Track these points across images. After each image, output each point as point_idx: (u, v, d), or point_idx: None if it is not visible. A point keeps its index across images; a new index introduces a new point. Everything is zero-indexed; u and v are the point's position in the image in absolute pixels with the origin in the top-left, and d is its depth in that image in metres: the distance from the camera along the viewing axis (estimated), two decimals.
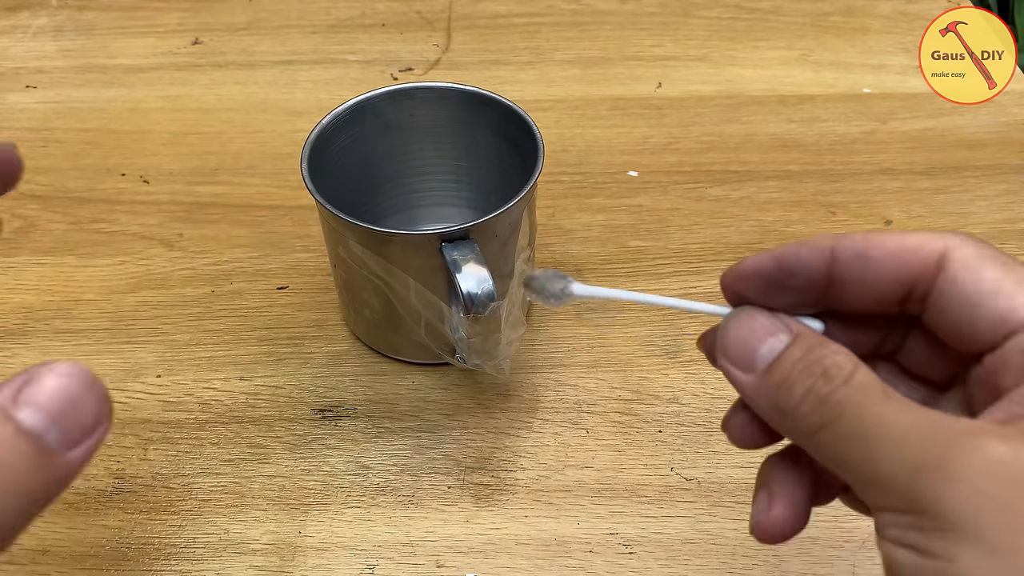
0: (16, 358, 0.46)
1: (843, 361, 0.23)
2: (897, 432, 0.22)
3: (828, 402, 0.23)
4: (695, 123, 0.60)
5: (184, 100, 0.63)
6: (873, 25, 0.69)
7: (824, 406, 0.23)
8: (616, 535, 0.39)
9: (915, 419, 0.22)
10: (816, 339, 0.24)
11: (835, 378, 0.23)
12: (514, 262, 0.41)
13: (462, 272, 0.37)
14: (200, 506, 0.40)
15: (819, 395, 0.23)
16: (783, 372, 0.24)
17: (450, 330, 0.40)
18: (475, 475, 0.41)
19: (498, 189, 0.48)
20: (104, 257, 0.51)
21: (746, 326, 0.25)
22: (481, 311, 0.37)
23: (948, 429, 0.21)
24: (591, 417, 0.43)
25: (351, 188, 0.45)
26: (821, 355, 0.24)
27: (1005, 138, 0.58)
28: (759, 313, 0.25)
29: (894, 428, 0.22)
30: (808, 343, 0.24)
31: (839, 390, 0.23)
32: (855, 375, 0.23)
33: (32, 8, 0.71)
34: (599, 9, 0.71)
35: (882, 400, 0.22)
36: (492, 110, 0.44)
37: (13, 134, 0.60)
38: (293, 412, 0.43)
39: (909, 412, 0.22)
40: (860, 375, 0.23)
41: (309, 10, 0.71)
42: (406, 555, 0.38)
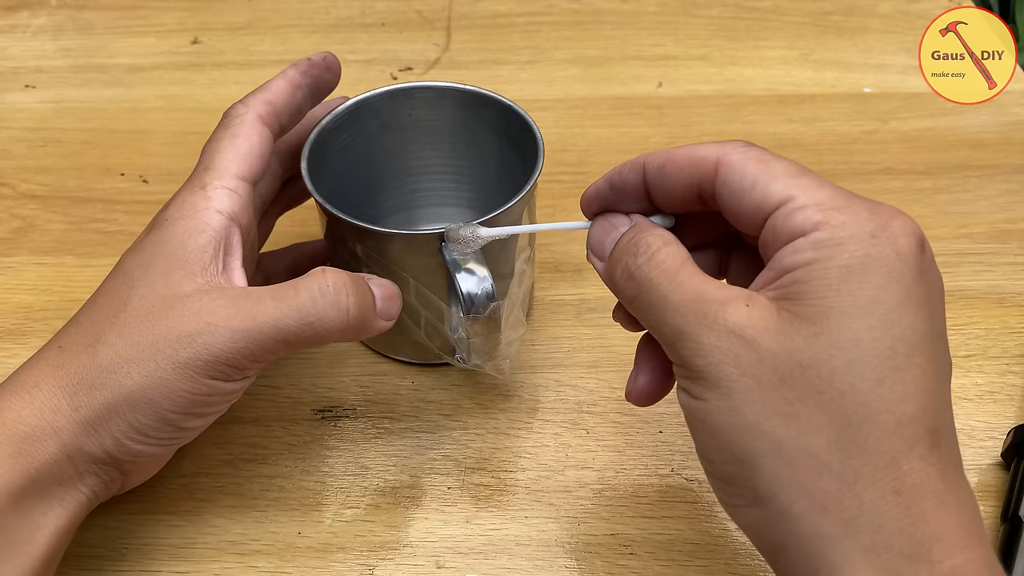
0: (15, 358, 0.46)
1: (652, 240, 0.29)
2: (674, 302, 0.28)
3: (634, 276, 0.29)
4: (696, 123, 0.60)
5: (183, 100, 0.63)
6: (874, 25, 0.68)
7: (631, 280, 0.30)
8: (616, 536, 0.39)
9: (688, 291, 0.28)
10: (645, 226, 0.31)
11: (642, 255, 0.29)
12: (514, 262, 0.41)
13: (462, 272, 0.37)
14: (200, 506, 0.40)
15: (628, 270, 0.30)
16: (615, 253, 0.31)
17: (450, 330, 0.40)
18: (475, 475, 0.41)
19: (498, 189, 0.48)
20: (103, 257, 0.51)
21: (601, 225, 0.32)
22: (481, 311, 0.37)
23: (710, 299, 0.27)
24: (591, 417, 0.43)
25: (351, 188, 0.45)
26: (638, 237, 0.30)
27: (1006, 138, 0.58)
28: (613, 215, 0.32)
29: (673, 299, 0.28)
30: (636, 229, 0.30)
31: (643, 266, 0.29)
32: (658, 253, 0.29)
33: (31, 7, 0.71)
34: (599, 8, 0.71)
35: (672, 275, 0.28)
36: (492, 109, 0.44)
37: (12, 134, 0.60)
38: (293, 412, 0.43)
39: (686, 286, 0.28)
40: (663, 253, 0.29)
41: (309, 9, 0.71)
42: (406, 556, 0.38)
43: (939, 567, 0.25)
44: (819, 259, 0.26)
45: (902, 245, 0.26)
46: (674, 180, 0.30)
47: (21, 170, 0.57)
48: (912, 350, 0.26)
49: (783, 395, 0.26)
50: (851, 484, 0.25)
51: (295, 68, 0.40)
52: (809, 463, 0.26)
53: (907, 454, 0.25)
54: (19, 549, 0.31)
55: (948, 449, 0.26)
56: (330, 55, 0.41)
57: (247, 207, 0.36)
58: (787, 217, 0.27)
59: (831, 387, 0.26)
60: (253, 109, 0.38)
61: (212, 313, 0.32)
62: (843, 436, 0.25)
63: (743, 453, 0.27)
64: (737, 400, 0.26)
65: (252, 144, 0.37)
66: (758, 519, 0.27)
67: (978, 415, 0.43)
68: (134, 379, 0.32)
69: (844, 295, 0.26)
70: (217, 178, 0.35)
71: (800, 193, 0.27)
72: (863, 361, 0.25)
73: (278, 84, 0.39)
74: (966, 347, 0.46)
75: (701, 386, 0.27)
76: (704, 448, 0.28)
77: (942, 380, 0.27)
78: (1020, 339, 0.46)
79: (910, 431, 0.25)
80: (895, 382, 0.25)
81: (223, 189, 0.35)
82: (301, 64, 0.40)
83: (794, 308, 0.26)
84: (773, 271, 0.27)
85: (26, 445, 0.31)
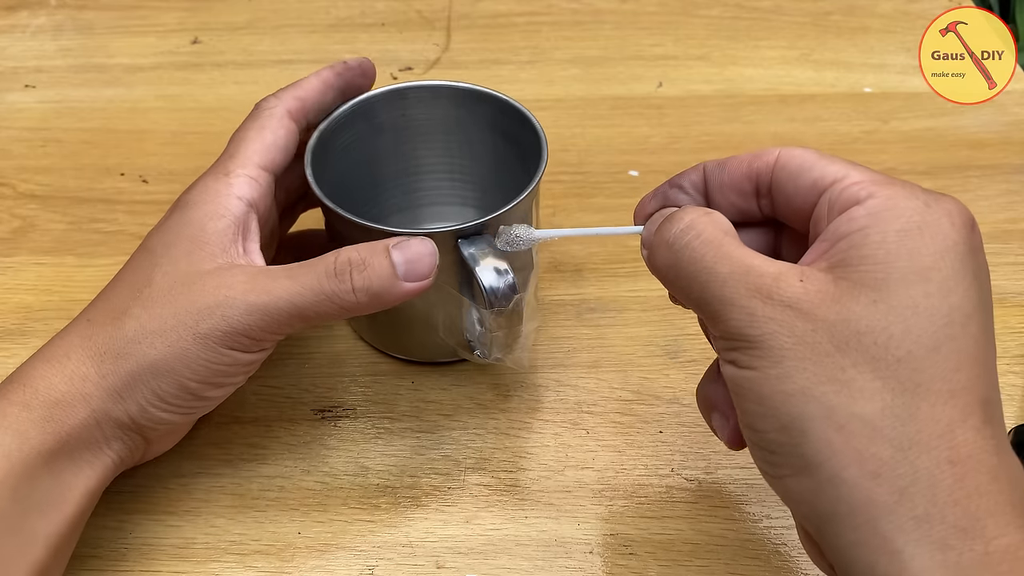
0: (15, 358, 0.46)
1: (693, 210, 0.30)
2: (722, 274, 0.28)
3: (672, 246, 0.30)
4: (696, 122, 0.60)
5: (183, 100, 0.63)
6: (874, 25, 0.68)
7: (667, 249, 0.30)
8: (616, 536, 0.39)
9: (736, 264, 0.28)
10: (693, 207, 0.31)
11: (689, 230, 0.30)
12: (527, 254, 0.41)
13: (481, 267, 0.37)
14: (199, 506, 0.40)
15: (666, 239, 0.30)
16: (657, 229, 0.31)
17: (468, 327, 0.40)
18: (475, 475, 0.41)
19: (494, 185, 0.48)
20: (103, 257, 0.51)
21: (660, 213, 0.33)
22: (505, 304, 0.37)
23: (761, 272, 0.28)
24: (591, 417, 0.43)
25: (354, 188, 0.45)
26: (680, 210, 0.31)
27: (1006, 138, 0.58)
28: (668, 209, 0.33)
29: (720, 270, 0.28)
30: (686, 208, 0.31)
31: (682, 234, 0.30)
32: (698, 222, 0.30)
33: (31, 7, 0.71)
34: (599, 8, 0.71)
35: (716, 246, 0.29)
36: (487, 106, 0.44)
37: (12, 134, 0.60)
38: (292, 412, 0.43)
39: (733, 258, 0.28)
40: (703, 222, 0.30)
41: (308, 9, 0.71)
42: (406, 556, 0.38)
43: (993, 543, 0.24)
44: (876, 224, 0.27)
45: (956, 217, 0.27)
46: (733, 171, 0.31)
47: (21, 170, 0.57)
48: (968, 319, 0.26)
49: (837, 362, 0.26)
50: (905, 451, 0.25)
51: (330, 69, 0.42)
52: (862, 429, 0.25)
53: (962, 424, 0.25)
54: (53, 508, 0.33)
55: (999, 424, 0.26)
56: (366, 61, 0.43)
57: (266, 196, 0.38)
58: (843, 190, 0.28)
59: (888, 353, 0.26)
60: (283, 103, 0.40)
61: (230, 287, 0.34)
62: (898, 402, 0.25)
63: (791, 419, 0.26)
64: (788, 367, 0.26)
65: (277, 137, 0.39)
66: (805, 488, 0.27)
67: None
68: (157, 349, 0.34)
69: (903, 258, 0.26)
70: (240, 166, 0.37)
71: (855, 172, 0.28)
72: (921, 328, 0.26)
73: (311, 82, 0.41)
74: None
75: (751, 355, 0.27)
76: (750, 416, 0.28)
77: (993, 354, 0.27)
78: (1020, 339, 0.46)
79: (964, 400, 0.25)
80: (951, 351, 0.26)
81: (245, 177, 0.37)
82: (337, 66, 0.42)
83: (852, 275, 0.26)
84: (827, 241, 0.28)
85: (57, 410, 0.33)
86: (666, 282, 0.31)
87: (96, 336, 0.35)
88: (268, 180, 0.38)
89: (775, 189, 0.30)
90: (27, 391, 0.33)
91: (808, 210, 0.29)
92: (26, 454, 0.32)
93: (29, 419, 0.33)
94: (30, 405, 0.33)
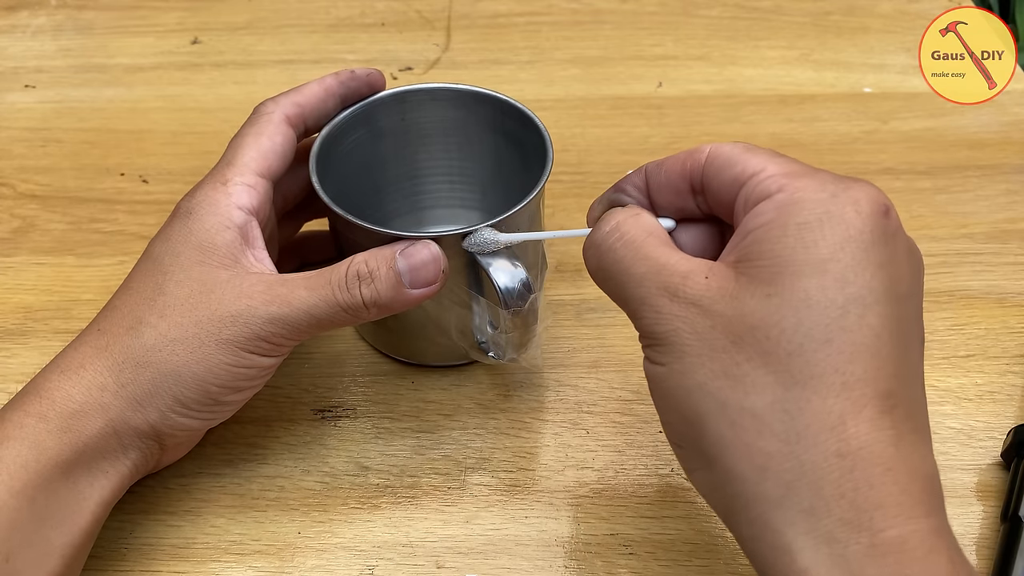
0: (15, 358, 0.46)
1: (620, 213, 0.31)
2: (637, 275, 0.29)
3: (601, 247, 0.31)
4: (696, 123, 0.60)
5: (183, 100, 0.63)
6: (874, 25, 0.68)
7: (594, 249, 0.31)
8: (616, 536, 0.39)
9: (651, 264, 0.29)
10: (622, 209, 0.32)
11: (613, 232, 0.30)
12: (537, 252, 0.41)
13: (495, 268, 0.37)
14: (199, 506, 0.40)
15: (594, 241, 0.31)
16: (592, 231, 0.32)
17: (479, 329, 0.40)
18: (475, 475, 0.41)
19: (495, 187, 0.48)
20: (103, 257, 0.51)
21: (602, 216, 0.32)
22: (520, 304, 0.37)
23: (672, 271, 0.28)
24: (591, 417, 0.43)
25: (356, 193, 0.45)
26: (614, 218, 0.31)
27: (1006, 138, 0.58)
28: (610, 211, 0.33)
29: (636, 271, 0.29)
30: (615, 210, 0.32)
31: (607, 237, 0.31)
32: (623, 224, 0.30)
33: (31, 7, 0.71)
34: (599, 8, 0.71)
35: (636, 247, 0.30)
36: (488, 108, 0.44)
37: (12, 134, 0.60)
38: (292, 412, 0.43)
39: (650, 259, 0.29)
40: (627, 225, 0.30)
41: (308, 9, 0.71)
42: (406, 556, 0.38)
43: (880, 536, 0.24)
44: (779, 218, 0.27)
45: (863, 205, 0.27)
46: (670, 172, 0.31)
47: (21, 170, 0.57)
48: (866, 311, 0.26)
49: (732, 357, 0.26)
50: (792, 444, 0.25)
51: (335, 77, 0.42)
52: (751, 423, 0.26)
53: (855, 416, 0.25)
54: (68, 519, 0.33)
55: (906, 416, 0.26)
56: (374, 72, 0.43)
57: (265, 203, 0.38)
58: (757, 184, 0.28)
59: (779, 347, 0.26)
60: (281, 109, 0.40)
61: (251, 297, 0.35)
62: (788, 396, 0.25)
63: (692, 415, 0.27)
64: (688, 363, 0.27)
65: (275, 143, 0.39)
66: (709, 483, 0.28)
67: (978, 415, 0.43)
68: (179, 356, 0.34)
69: (799, 252, 0.26)
70: (238, 174, 0.37)
71: (772, 164, 0.28)
72: (812, 321, 0.25)
73: (312, 88, 0.41)
74: (966, 347, 0.46)
75: (659, 352, 0.28)
76: (661, 411, 0.30)
77: (903, 345, 0.26)
78: (1020, 339, 0.46)
79: (858, 392, 0.25)
80: (844, 342, 0.25)
81: (243, 185, 0.37)
82: (342, 74, 0.42)
83: (751, 270, 0.27)
84: (739, 236, 0.28)
85: (74, 421, 0.33)
86: (597, 283, 0.32)
87: (112, 346, 0.35)
88: (266, 187, 0.38)
89: (706, 186, 0.30)
90: (43, 402, 0.33)
91: (733, 205, 0.29)
92: (43, 465, 0.32)
93: (46, 430, 0.33)
94: (47, 416, 0.33)
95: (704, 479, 0.28)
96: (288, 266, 0.45)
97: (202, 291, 0.35)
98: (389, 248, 0.36)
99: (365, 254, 0.36)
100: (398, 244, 0.36)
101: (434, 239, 0.37)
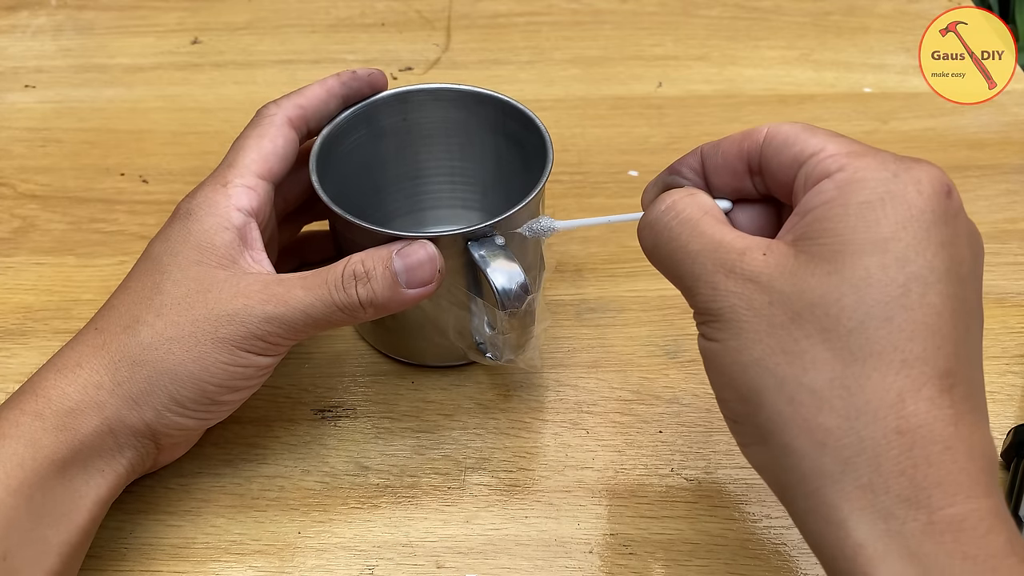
0: (15, 358, 0.46)
1: (676, 192, 0.31)
2: (693, 251, 0.29)
3: (654, 227, 0.31)
4: (696, 123, 0.60)
5: (183, 100, 0.63)
6: (873, 25, 0.68)
7: (650, 229, 0.31)
8: (616, 536, 0.39)
9: (707, 241, 0.29)
10: (677, 190, 0.32)
11: (669, 211, 0.31)
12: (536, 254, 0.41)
13: (492, 268, 0.37)
14: (199, 506, 0.40)
15: (649, 220, 0.31)
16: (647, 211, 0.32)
17: (478, 329, 0.40)
18: (475, 475, 0.41)
19: (495, 187, 0.48)
20: (103, 257, 0.51)
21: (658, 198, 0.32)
22: (517, 305, 0.37)
23: (729, 248, 0.28)
24: (591, 417, 0.43)
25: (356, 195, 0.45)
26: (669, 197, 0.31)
27: (1006, 138, 0.58)
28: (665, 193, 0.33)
29: (692, 248, 0.29)
30: (671, 191, 0.32)
31: (663, 215, 0.31)
32: (678, 203, 0.31)
33: (31, 7, 0.71)
34: (599, 8, 0.71)
35: (692, 225, 0.30)
36: (489, 108, 0.44)
37: (12, 134, 0.60)
38: (292, 412, 0.43)
39: (706, 236, 0.29)
40: (683, 203, 0.31)
41: (308, 9, 0.71)
42: (406, 555, 0.38)
43: (938, 514, 0.24)
44: (841, 196, 0.27)
45: (924, 185, 0.27)
46: (727, 152, 0.31)
47: (21, 170, 0.57)
48: (927, 289, 0.26)
49: (791, 334, 0.26)
50: (851, 420, 0.25)
51: (336, 78, 0.42)
52: (810, 399, 0.26)
53: (914, 395, 0.25)
54: (65, 517, 0.33)
55: (965, 396, 0.26)
56: (376, 72, 0.43)
57: (265, 205, 0.38)
58: (817, 163, 0.28)
59: (839, 324, 0.26)
60: (284, 111, 0.40)
61: (247, 296, 0.35)
62: (847, 373, 0.25)
63: (749, 391, 0.27)
64: (746, 339, 0.27)
65: (276, 146, 0.39)
66: (765, 457, 0.28)
67: None
68: (176, 355, 0.34)
69: (860, 231, 0.26)
70: (238, 176, 0.38)
71: (832, 144, 0.28)
72: (873, 298, 0.26)
73: (314, 90, 0.41)
74: None
75: (715, 328, 0.28)
76: (717, 387, 0.29)
77: (963, 325, 0.26)
78: (1020, 339, 0.46)
79: (918, 371, 0.25)
80: (905, 320, 0.25)
81: (242, 187, 0.37)
82: (344, 75, 0.42)
83: (811, 248, 0.27)
84: (799, 215, 0.28)
85: (70, 419, 0.33)
86: (652, 262, 0.32)
87: (108, 344, 0.35)
88: (266, 189, 0.38)
89: (764, 166, 0.30)
90: (39, 401, 0.33)
91: (792, 184, 0.29)
92: (39, 463, 0.32)
93: (42, 428, 0.33)
94: (43, 414, 0.33)
95: (759, 453, 0.28)
96: (287, 266, 0.45)
97: (199, 290, 0.35)
98: (386, 248, 0.36)
99: (362, 254, 0.36)
100: (395, 244, 0.37)
101: (431, 239, 0.37)
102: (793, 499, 0.27)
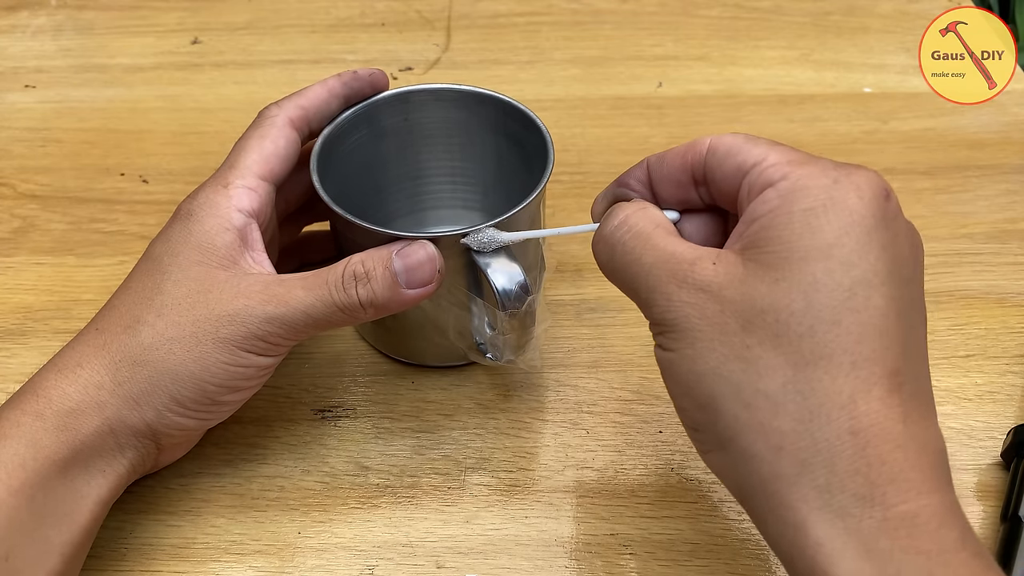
0: (15, 358, 0.46)
1: (627, 207, 0.32)
2: (647, 264, 0.30)
3: (607, 241, 0.32)
4: (696, 123, 0.60)
5: (183, 100, 0.63)
6: (874, 25, 0.68)
7: (604, 244, 0.32)
8: (616, 536, 0.39)
9: (660, 253, 0.30)
10: (628, 203, 0.32)
11: (622, 226, 0.31)
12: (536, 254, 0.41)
13: (493, 269, 0.37)
14: (199, 506, 0.40)
15: (603, 235, 0.32)
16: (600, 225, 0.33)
17: (478, 330, 0.40)
18: (475, 475, 0.41)
19: (496, 188, 0.48)
20: (103, 257, 0.51)
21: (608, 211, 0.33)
22: (517, 306, 0.37)
23: (680, 259, 0.29)
24: (591, 417, 0.43)
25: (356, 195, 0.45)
26: (621, 212, 0.32)
27: (1006, 138, 0.58)
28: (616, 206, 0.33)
29: (645, 261, 0.30)
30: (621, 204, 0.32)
31: (616, 231, 0.31)
32: (630, 218, 0.31)
33: (31, 7, 0.71)
34: (599, 8, 0.71)
35: (644, 238, 0.30)
36: (490, 108, 0.44)
37: (12, 134, 0.60)
38: (292, 412, 0.43)
39: (658, 248, 0.30)
40: (635, 218, 0.31)
41: (309, 9, 0.71)
42: (406, 555, 0.38)
43: (892, 511, 0.25)
44: (784, 204, 0.27)
45: (864, 190, 0.27)
46: (672, 164, 0.32)
47: (21, 170, 0.57)
48: (872, 292, 0.26)
49: (744, 340, 0.27)
50: (806, 423, 0.26)
51: (338, 79, 0.42)
52: (765, 404, 0.26)
53: (865, 395, 0.26)
54: (67, 517, 0.33)
55: (913, 394, 0.27)
56: (377, 72, 0.43)
57: (266, 206, 0.38)
58: (760, 172, 0.28)
59: (789, 330, 0.26)
60: (285, 112, 0.40)
61: (248, 297, 0.35)
62: (799, 377, 0.26)
63: (706, 398, 0.28)
64: (700, 348, 0.28)
65: (278, 147, 0.39)
66: (725, 463, 0.28)
67: (978, 415, 0.43)
68: (176, 355, 0.34)
69: (805, 238, 0.27)
70: (239, 177, 0.38)
71: (773, 153, 0.29)
72: (821, 303, 0.26)
73: (316, 91, 0.41)
74: (966, 347, 0.46)
75: (671, 338, 0.29)
76: (675, 396, 0.30)
77: (908, 325, 0.27)
78: (1020, 339, 0.46)
79: (867, 372, 0.26)
80: (852, 323, 0.26)
81: (243, 188, 0.37)
82: (345, 75, 0.42)
83: (759, 256, 0.27)
84: (744, 223, 0.29)
85: (71, 419, 0.33)
86: (608, 276, 0.32)
87: (109, 345, 0.35)
88: (267, 190, 0.38)
89: (708, 177, 0.31)
90: (40, 401, 0.34)
91: (736, 194, 0.30)
92: (40, 463, 0.32)
93: (43, 428, 0.33)
94: (43, 415, 0.33)
95: (719, 460, 0.29)
96: (288, 266, 0.45)
97: (200, 291, 0.35)
98: (386, 248, 0.36)
99: (362, 254, 0.36)
100: (395, 244, 0.37)
101: (432, 239, 0.37)
102: (753, 502, 0.28)
